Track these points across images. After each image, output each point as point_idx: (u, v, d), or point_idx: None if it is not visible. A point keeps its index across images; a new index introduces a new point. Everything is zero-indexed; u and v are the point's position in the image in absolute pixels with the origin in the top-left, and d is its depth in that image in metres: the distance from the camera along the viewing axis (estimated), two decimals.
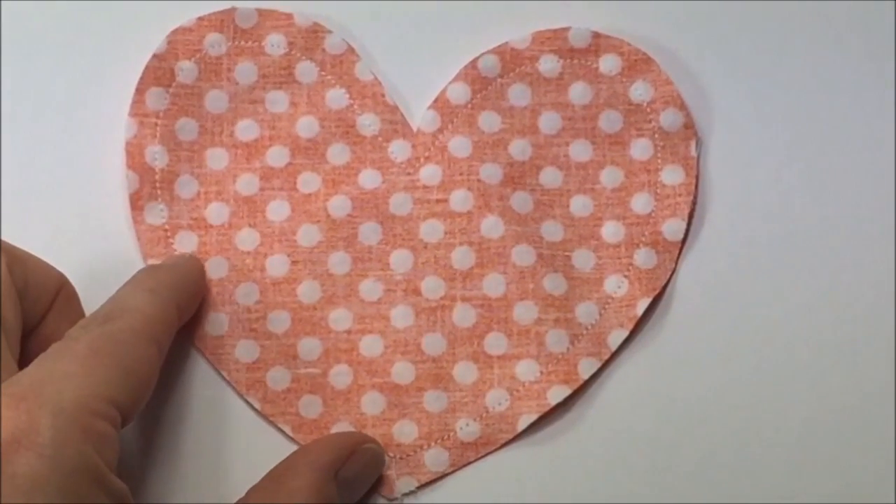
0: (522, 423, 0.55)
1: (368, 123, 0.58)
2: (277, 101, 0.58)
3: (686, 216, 0.57)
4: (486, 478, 0.55)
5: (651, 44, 0.59)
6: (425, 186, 0.57)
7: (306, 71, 0.58)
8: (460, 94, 0.58)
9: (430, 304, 0.56)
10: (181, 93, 0.58)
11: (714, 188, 0.58)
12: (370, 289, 0.56)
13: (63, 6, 0.59)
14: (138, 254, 0.57)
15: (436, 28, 0.59)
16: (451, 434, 0.55)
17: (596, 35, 0.58)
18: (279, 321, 0.56)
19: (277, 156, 0.57)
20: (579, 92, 0.58)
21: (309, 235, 0.57)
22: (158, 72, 0.58)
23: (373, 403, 0.56)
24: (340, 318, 0.56)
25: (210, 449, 0.56)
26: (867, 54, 0.59)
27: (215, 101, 0.58)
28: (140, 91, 0.57)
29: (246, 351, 0.56)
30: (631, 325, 0.56)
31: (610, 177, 0.58)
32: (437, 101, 0.58)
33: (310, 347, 0.56)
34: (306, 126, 0.58)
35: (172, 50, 0.58)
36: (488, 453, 0.55)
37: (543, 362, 0.55)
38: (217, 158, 0.58)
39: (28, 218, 0.57)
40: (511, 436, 0.55)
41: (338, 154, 0.58)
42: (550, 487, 0.55)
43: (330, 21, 0.59)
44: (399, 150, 0.58)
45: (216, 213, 0.57)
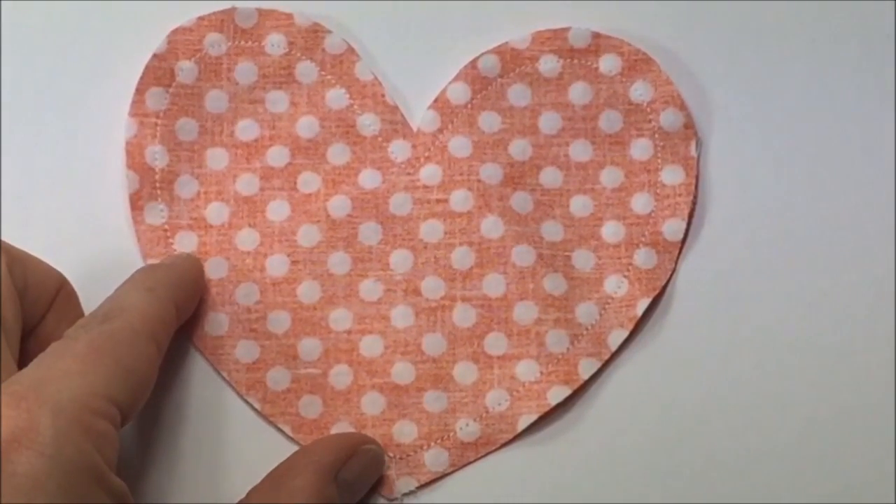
0: (522, 424, 0.55)
1: (368, 123, 0.58)
2: (277, 101, 0.58)
3: (686, 216, 0.57)
4: (486, 478, 0.55)
5: (651, 44, 0.59)
6: (425, 186, 0.57)
7: (306, 71, 0.58)
8: (460, 94, 0.58)
9: (430, 304, 0.56)
10: (181, 93, 0.58)
11: (714, 188, 0.58)
12: (370, 289, 0.56)
13: (63, 6, 0.59)
14: (138, 254, 0.57)
15: (436, 28, 0.59)
16: (451, 434, 0.55)
17: (596, 35, 0.58)
18: (279, 321, 0.56)
19: (277, 156, 0.57)
20: (579, 92, 0.58)
21: (309, 235, 0.57)
22: (158, 72, 0.58)
23: (373, 404, 0.56)
24: (340, 319, 0.56)
25: (210, 449, 0.56)
26: (867, 54, 0.59)
27: (215, 100, 0.58)
28: (140, 91, 0.57)
29: (246, 351, 0.56)
30: (631, 326, 0.56)
31: (610, 177, 0.58)
32: (437, 101, 0.58)
33: (310, 348, 0.56)
34: (306, 126, 0.58)
35: (172, 50, 0.58)
36: (488, 453, 0.55)
37: (543, 362, 0.55)
38: (217, 158, 0.57)
39: (28, 218, 0.57)
40: (511, 436, 0.55)
41: (338, 154, 0.58)
42: (550, 487, 0.55)
43: (330, 21, 0.59)
44: (399, 150, 0.58)
45: (216, 213, 0.57)
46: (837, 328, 0.57)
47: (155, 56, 0.58)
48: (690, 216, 0.57)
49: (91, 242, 0.57)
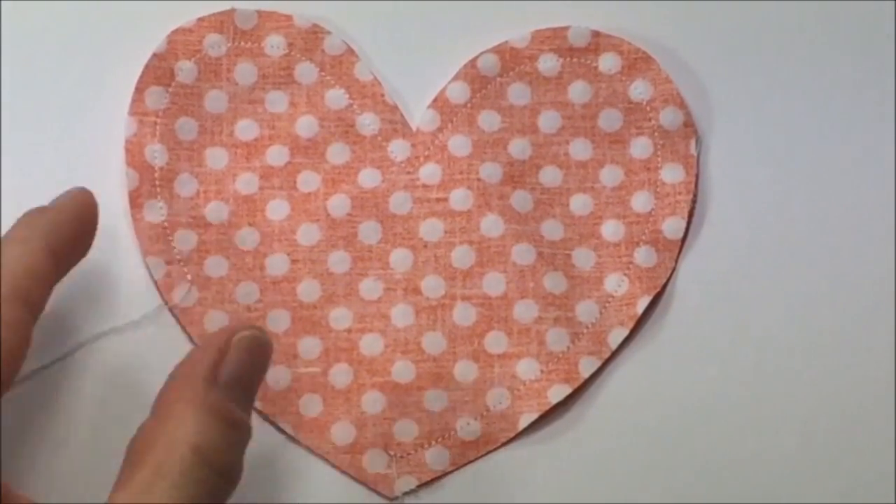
0: (523, 422, 0.55)
1: (368, 123, 0.58)
2: (277, 101, 0.58)
3: (686, 214, 0.57)
4: (486, 477, 0.55)
5: (651, 42, 0.59)
6: (425, 185, 0.57)
7: (306, 71, 0.58)
8: (460, 93, 0.58)
9: (430, 303, 0.56)
10: (181, 92, 0.58)
11: (714, 186, 0.58)
12: (370, 288, 0.57)
13: (63, 6, 0.59)
14: (137, 251, 0.57)
15: (435, 27, 0.60)
16: (452, 433, 0.55)
17: (595, 34, 0.58)
18: (279, 320, 0.56)
19: (277, 155, 0.58)
20: (579, 91, 0.58)
21: (309, 234, 0.57)
22: (158, 71, 0.58)
23: (373, 402, 0.56)
24: (340, 317, 0.56)
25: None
26: (867, 54, 0.59)
27: (215, 100, 0.58)
28: (140, 90, 0.57)
29: None
30: (631, 324, 0.56)
31: (610, 175, 0.58)
32: (436, 100, 0.58)
33: (310, 346, 0.56)
34: (306, 126, 0.58)
35: (172, 50, 0.58)
36: (489, 452, 0.55)
37: (544, 361, 0.56)
38: (217, 157, 0.58)
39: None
40: (512, 434, 0.55)
41: (337, 153, 0.58)
42: (551, 487, 0.55)
43: (329, 22, 0.59)
44: (399, 149, 0.58)
45: (216, 211, 0.57)
46: (837, 327, 0.57)
47: (155, 56, 0.58)
48: (690, 214, 0.57)
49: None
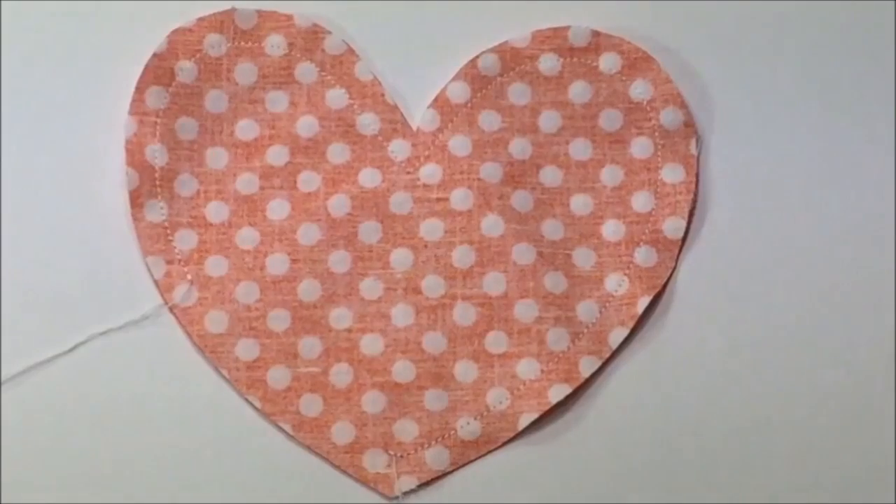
0: (523, 422, 0.55)
1: (368, 123, 0.58)
2: (277, 101, 0.58)
3: (686, 214, 0.57)
4: (486, 477, 0.56)
5: (651, 42, 0.59)
6: (425, 185, 0.58)
7: (306, 71, 0.59)
8: (460, 93, 0.58)
9: (430, 302, 0.57)
10: (181, 92, 0.58)
11: (714, 186, 0.58)
12: (370, 287, 0.57)
13: (63, 6, 0.59)
14: (138, 251, 0.57)
15: (435, 27, 0.60)
16: (452, 433, 0.56)
17: (596, 33, 0.58)
18: (279, 320, 0.56)
19: (277, 155, 0.58)
20: (579, 90, 0.58)
21: (309, 234, 0.57)
22: (158, 71, 0.58)
23: (373, 402, 0.56)
24: (341, 317, 0.57)
25: (210, 448, 0.56)
26: (867, 54, 0.60)
27: (215, 100, 0.58)
28: (140, 90, 0.58)
29: (246, 349, 0.56)
30: (631, 324, 0.57)
31: (610, 175, 0.58)
32: (436, 100, 0.59)
33: (310, 346, 0.56)
34: (306, 125, 0.58)
35: (172, 50, 0.58)
36: (489, 452, 0.56)
37: (544, 361, 0.56)
38: (217, 157, 0.58)
39: (28, 216, 0.58)
40: (512, 434, 0.56)
41: (338, 153, 0.58)
42: (551, 486, 0.56)
43: (329, 22, 0.59)
44: (399, 149, 0.58)
45: (216, 211, 0.57)
46: (838, 326, 0.57)
47: (155, 56, 0.58)
48: (691, 214, 0.58)
49: (91, 240, 0.58)
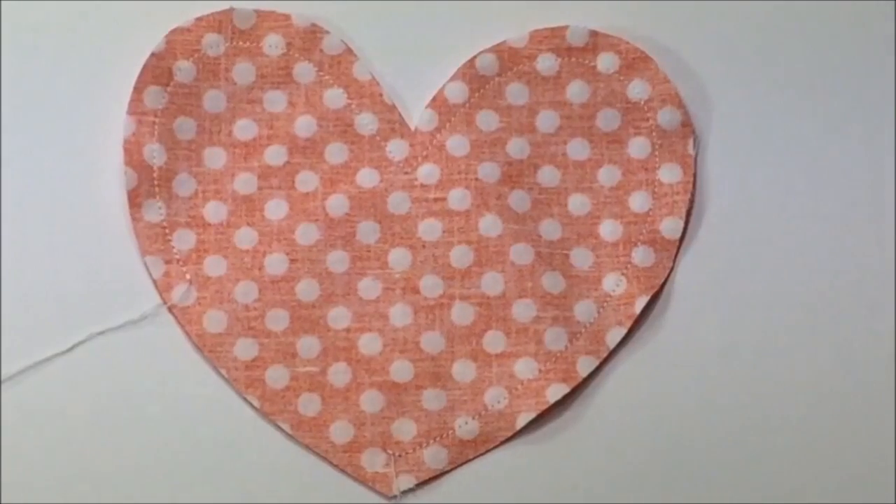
0: (521, 421, 0.56)
1: (366, 123, 0.59)
2: (275, 101, 0.59)
3: (684, 214, 0.58)
4: (485, 477, 0.56)
5: (649, 42, 0.60)
6: (423, 185, 0.58)
7: (304, 71, 0.59)
8: (458, 92, 0.59)
9: (428, 302, 0.57)
10: (179, 92, 0.58)
11: (712, 186, 0.59)
12: (369, 287, 0.57)
13: (63, 6, 0.60)
14: (136, 250, 0.58)
15: (433, 27, 0.60)
16: (450, 432, 0.56)
17: (594, 33, 0.59)
18: (278, 319, 0.57)
19: (275, 155, 0.58)
20: (577, 90, 0.59)
21: (307, 234, 0.58)
22: (156, 71, 0.58)
23: (371, 402, 0.56)
24: (339, 317, 0.57)
25: (209, 448, 0.57)
26: (867, 54, 0.60)
27: (213, 100, 0.59)
28: (138, 90, 0.58)
29: (245, 349, 0.57)
30: (629, 323, 0.57)
31: (607, 175, 0.59)
32: (434, 100, 0.59)
33: (308, 346, 0.57)
34: (304, 125, 0.59)
35: (171, 49, 0.59)
36: (487, 451, 0.56)
37: (542, 360, 0.56)
38: (215, 157, 0.59)
39: (26, 215, 0.58)
40: (510, 433, 0.56)
41: (336, 153, 0.58)
42: (549, 486, 0.56)
43: (328, 22, 0.60)
44: (397, 149, 0.58)
45: (214, 211, 0.58)
46: (835, 327, 0.57)
47: (153, 55, 0.58)
48: (688, 214, 0.58)
49: (90, 239, 0.58)
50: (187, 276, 0.58)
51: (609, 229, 0.58)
